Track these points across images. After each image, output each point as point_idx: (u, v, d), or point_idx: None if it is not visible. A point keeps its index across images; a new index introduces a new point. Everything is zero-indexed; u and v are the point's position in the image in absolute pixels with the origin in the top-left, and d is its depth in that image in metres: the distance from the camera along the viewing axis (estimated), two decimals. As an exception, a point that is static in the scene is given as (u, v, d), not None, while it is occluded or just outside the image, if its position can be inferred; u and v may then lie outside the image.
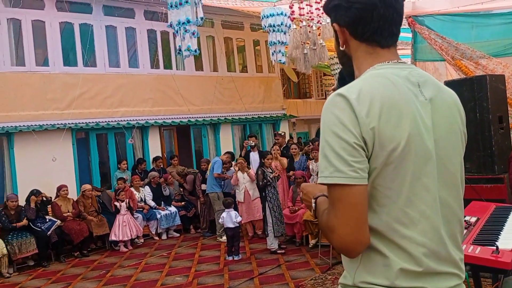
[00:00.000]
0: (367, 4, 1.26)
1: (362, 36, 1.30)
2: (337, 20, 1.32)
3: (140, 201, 8.95)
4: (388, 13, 1.27)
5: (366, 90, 1.19)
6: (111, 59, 10.10)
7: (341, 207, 1.16)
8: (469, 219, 3.08)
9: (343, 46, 1.35)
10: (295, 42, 7.49)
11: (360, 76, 1.29)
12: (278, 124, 13.06)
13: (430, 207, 1.23)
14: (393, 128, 1.18)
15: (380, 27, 1.28)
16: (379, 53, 1.31)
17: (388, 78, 1.24)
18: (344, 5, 1.29)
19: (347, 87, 1.23)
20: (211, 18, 11.28)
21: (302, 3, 7.44)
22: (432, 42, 7.75)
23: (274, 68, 13.18)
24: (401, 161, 1.19)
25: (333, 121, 1.18)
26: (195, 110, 11.10)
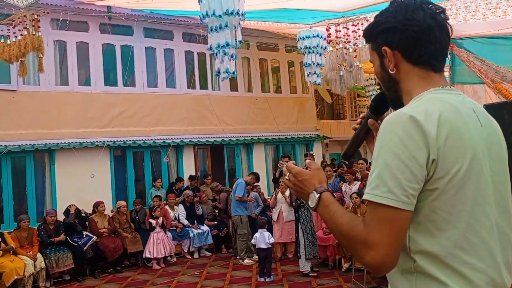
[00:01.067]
0: (424, 26, 1.25)
1: (417, 60, 1.29)
2: (388, 43, 1.30)
3: (173, 220, 9.05)
4: (443, 36, 1.27)
5: (432, 111, 1.18)
6: (150, 79, 10.40)
7: (389, 227, 1.15)
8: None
9: (393, 69, 1.32)
10: (331, 64, 7.52)
11: (418, 99, 1.27)
12: (311, 145, 13.02)
13: (489, 234, 1.21)
14: (457, 152, 1.17)
15: (436, 50, 1.28)
16: (433, 77, 1.30)
17: (449, 103, 1.23)
18: (399, 27, 1.27)
19: (411, 107, 1.21)
20: (247, 40, 11.46)
21: (339, 26, 7.48)
22: (471, 65, 7.61)
23: (308, 89, 13.21)
24: (463, 186, 1.18)
25: (396, 142, 1.15)
26: (229, 129, 11.23)
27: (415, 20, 1.25)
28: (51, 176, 8.92)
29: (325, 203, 1.31)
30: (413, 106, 1.22)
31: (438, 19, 1.27)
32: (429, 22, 1.25)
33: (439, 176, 1.16)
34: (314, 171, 1.40)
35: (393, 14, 1.29)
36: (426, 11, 1.27)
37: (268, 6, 7.49)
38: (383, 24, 1.31)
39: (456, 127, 1.19)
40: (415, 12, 1.26)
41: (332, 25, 7.56)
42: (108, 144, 9.42)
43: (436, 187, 1.16)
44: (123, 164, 9.95)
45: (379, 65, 1.37)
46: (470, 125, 1.23)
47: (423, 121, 1.15)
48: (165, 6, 8.73)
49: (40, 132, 8.78)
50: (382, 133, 1.20)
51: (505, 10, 6.65)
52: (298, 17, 8.12)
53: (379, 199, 1.15)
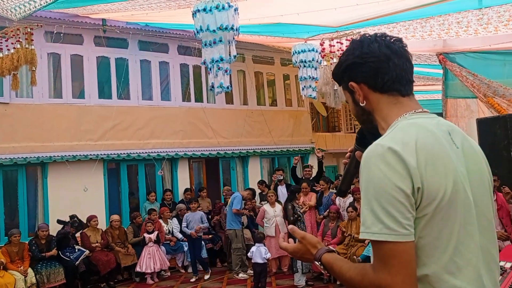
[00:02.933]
0: (380, 56, 1.31)
1: (382, 87, 1.33)
2: (353, 78, 1.37)
3: (167, 233, 8.97)
4: (402, 62, 1.32)
5: (408, 140, 1.20)
6: (144, 92, 10.39)
7: (396, 264, 1.14)
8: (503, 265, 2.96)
9: (363, 102, 1.37)
10: (325, 78, 7.54)
11: (394, 127, 1.28)
12: (306, 158, 13.01)
13: (475, 255, 1.22)
14: (440, 177, 1.18)
15: (398, 75, 1.32)
16: (403, 102, 1.33)
17: (425, 127, 1.25)
18: (358, 61, 1.34)
19: (387, 138, 1.23)
20: (243, 53, 11.50)
21: (333, 40, 7.52)
22: (464, 79, 7.65)
23: (303, 102, 13.24)
24: (449, 210, 1.19)
25: (379, 176, 1.16)
26: (224, 142, 11.21)
27: (371, 52, 1.33)
28: (44, 190, 8.84)
29: (328, 266, 1.35)
30: (389, 137, 1.24)
31: (393, 47, 1.33)
32: (385, 52, 1.32)
33: (426, 203, 1.17)
34: (301, 242, 1.44)
35: (351, 51, 1.37)
36: (380, 42, 1.33)
37: (263, 20, 7.53)
38: (344, 62, 1.39)
39: (434, 152, 1.20)
40: (371, 45, 1.33)
41: (326, 40, 7.60)
42: (101, 157, 9.37)
43: (424, 214, 1.17)
44: (117, 178, 9.88)
45: (352, 102, 1.43)
46: (447, 148, 1.24)
47: (401, 151, 1.17)
48: (160, 20, 8.76)
49: (33, 145, 8.72)
50: (364, 169, 1.21)
51: (496, 26, 6.70)
52: (293, 31, 8.17)
53: (378, 237, 1.15)
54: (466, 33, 7.39)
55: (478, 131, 6.84)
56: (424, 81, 11.91)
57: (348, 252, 7.50)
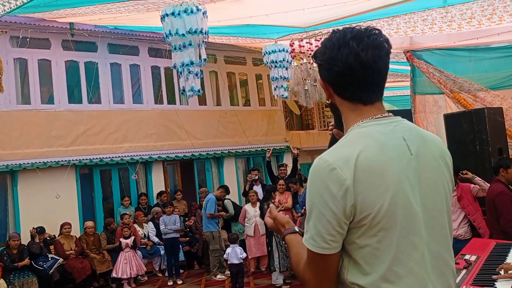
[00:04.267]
0: (345, 67, 1.30)
1: (343, 95, 1.37)
2: (322, 76, 1.40)
3: (143, 237, 8.90)
4: (367, 74, 1.30)
5: (350, 155, 1.24)
6: (116, 95, 10.27)
7: (316, 267, 1.28)
8: (469, 258, 3.06)
9: (328, 99, 1.44)
10: (296, 79, 7.62)
11: (345, 136, 1.34)
12: (281, 156, 13.10)
13: (418, 264, 1.25)
14: (377, 191, 1.22)
15: (360, 88, 1.33)
16: (362, 109, 1.36)
17: (373, 138, 1.28)
18: (325, 66, 1.35)
19: (333, 153, 1.28)
20: (214, 54, 11.50)
21: (302, 41, 7.60)
22: (431, 76, 7.85)
23: (277, 101, 13.32)
24: (386, 222, 1.22)
25: (314, 192, 1.26)
26: (199, 144, 11.18)
27: (338, 60, 1.30)
28: (14, 198, 8.64)
29: (288, 246, 1.47)
30: (334, 151, 1.29)
31: (362, 58, 1.28)
32: (351, 62, 1.29)
33: (362, 216, 1.22)
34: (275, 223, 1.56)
35: (323, 50, 1.37)
36: (351, 49, 1.29)
37: (232, 22, 7.54)
38: (316, 58, 1.41)
39: (375, 166, 1.23)
40: (340, 51, 1.30)
41: (296, 40, 7.67)
42: (73, 163, 9.22)
43: (361, 225, 1.23)
44: (90, 183, 9.75)
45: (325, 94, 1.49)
46: (395, 159, 1.26)
47: (340, 170, 1.22)
48: (129, 23, 8.67)
49: (1, 153, 8.51)
50: (308, 181, 1.29)
51: (459, 24, 6.90)
52: (263, 32, 8.21)
53: (306, 244, 1.27)
54: (432, 31, 7.57)
55: (445, 126, 7.02)
56: (393, 78, 12.13)
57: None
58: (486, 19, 6.77)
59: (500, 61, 7.53)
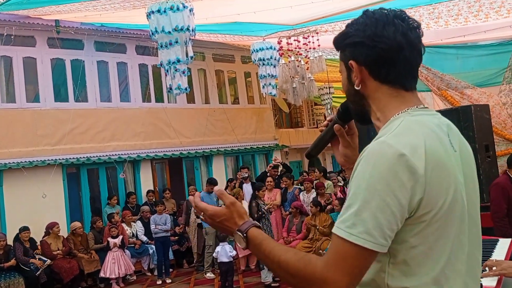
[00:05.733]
0: (393, 45, 1.15)
1: (385, 78, 1.19)
2: (355, 57, 1.21)
3: (131, 237, 8.84)
4: (413, 56, 1.18)
5: (418, 144, 1.09)
6: (103, 93, 10.17)
7: (353, 266, 1.07)
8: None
9: (358, 86, 1.22)
10: (284, 77, 7.60)
11: (396, 123, 1.16)
12: (270, 155, 13.08)
13: (464, 265, 1.16)
14: (443, 186, 1.11)
15: (405, 71, 1.19)
16: (405, 96, 1.21)
17: (430, 128, 1.14)
18: (367, 43, 1.17)
19: (395, 138, 1.10)
20: (202, 52, 11.44)
21: (290, 39, 7.58)
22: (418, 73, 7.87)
23: (266, 99, 13.30)
24: (446, 220, 1.11)
25: (377, 179, 1.06)
26: (187, 142, 11.12)
27: (384, 37, 1.16)
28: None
29: (255, 242, 1.22)
30: (397, 137, 1.10)
31: (410, 37, 1.17)
32: (400, 40, 1.16)
33: (424, 211, 1.09)
34: (229, 207, 1.30)
35: (363, 27, 1.19)
36: (397, 27, 1.17)
37: (220, 19, 7.50)
38: (351, 37, 1.21)
39: (440, 158, 1.11)
40: (386, 28, 1.16)
41: (283, 38, 7.65)
42: (60, 162, 9.11)
43: (422, 221, 1.10)
44: (77, 183, 9.64)
45: (346, 78, 1.28)
46: (449, 152, 1.16)
47: (411, 158, 1.06)
48: (115, 20, 8.58)
49: (-13, 153, 8.40)
50: (363, 166, 1.09)
51: (446, 21, 6.94)
52: (251, 30, 8.18)
53: (355, 239, 1.05)
54: (419, 28, 7.60)
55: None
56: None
57: (313, 247, 7.60)
58: (472, 16, 6.81)
59: (487, 59, 7.59)
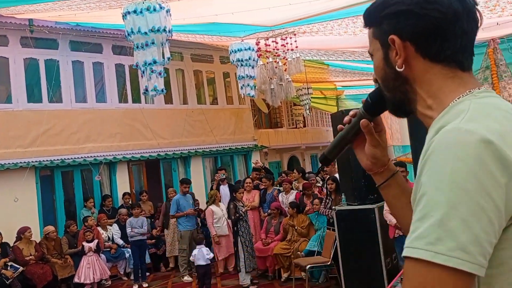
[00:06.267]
0: (448, 13, 0.93)
1: (437, 56, 0.96)
2: (398, 30, 0.96)
3: (107, 240, 8.68)
4: (471, 26, 0.96)
5: (505, 130, 0.83)
6: (78, 94, 9.97)
7: None
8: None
9: (401, 66, 0.97)
10: (262, 78, 7.59)
11: (464, 106, 0.90)
12: (249, 155, 13.06)
13: None
14: None
15: (462, 45, 0.95)
16: (463, 77, 0.96)
17: (509, 112, 0.89)
18: (416, 11, 0.93)
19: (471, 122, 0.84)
20: (180, 52, 11.33)
21: (268, 40, 7.57)
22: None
23: (244, 99, 13.26)
24: None
25: (464, 174, 0.78)
26: (165, 143, 11.00)
27: (437, 3, 0.93)
28: (-31, 203, 8.27)
29: None
30: (472, 120, 0.84)
31: (467, 4, 0.95)
32: (456, 7, 0.93)
33: None
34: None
35: None
36: None
37: (198, 20, 7.43)
38: (394, 5, 0.97)
39: None
40: None
41: (262, 39, 7.63)
42: (33, 164, 8.87)
43: None
44: (51, 185, 9.42)
45: (381, 58, 1.02)
46: None
47: (500, 145, 0.80)
48: (90, 20, 8.41)
49: (-44, 155, 8.13)
50: (438, 161, 0.82)
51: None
52: (229, 30, 8.13)
53: (445, 260, 0.76)
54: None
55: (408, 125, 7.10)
56: (366, 76, 12.29)
57: (291, 248, 7.61)
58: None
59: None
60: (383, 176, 1.21)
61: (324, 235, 7.21)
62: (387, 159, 1.19)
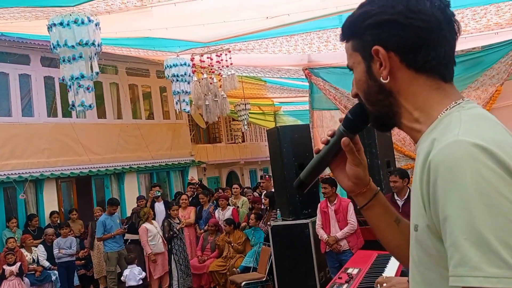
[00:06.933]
0: (432, 22, 0.92)
1: (423, 66, 0.94)
2: (383, 41, 0.94)
3: (32, 262, 8.16)
4: (452, 37, 0.95)
5: (498, 138, 0.82)
6: (2, 107, 9.44)
7: None
8: (351, 272, 3.15)
9: (386, 78, 0.95)
10: (197, 94, 7.55)
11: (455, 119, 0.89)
12: (187, 171, 12.90)
13: None
14: None
15: (446, 55, 0.94)
16: (446, 89, 0.95)
17: (497, 122, 0.89)
18: (400, 21, 0.92)
19: (470, 134, 0.82)
20: (115, 65, 11.06)
21: (203, 56, 7.56)
22: (327, 93, 8.23)
23: (182, 114, 13.13)
24: None
25: (486, 187, 0.76)
26: (97, 159, 10.61)
27: (421, 12, 0.92)
28: None
29: None
30: (469, 132, 0.83)
31: (448, 13, 0.95)
32: (438, 16, 0.93)
33: None
34: None
35: (391, 2, 0.94)
36: (433, 2, 0.94)
37: (131, 34, 7.28)
38: (376, 15, 0.95)
39: None
40: (420, 2, 0.93)
41: (196, 55, 7.62)
42: (-51, 182, 8.24)
43: None
44: (-30, 205, 8.77)
45: (364, 71, 1.00)
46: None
47: (504, 156, 0.79)
48: (15, 30, 7.99)
49: None
50: (451, 180, 0.79)
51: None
52: (164, 45, 8.03)
53: (496, 283, 0.71)
54: (327, 48, 7.95)
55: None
56: (295, 93, 12.59)
57: (227, 265, 7.55)
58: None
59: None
60: (365, 197, 1.17)
61: (260, 251, 7.23)
62: (368, 178, 1.16)
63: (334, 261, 5.63)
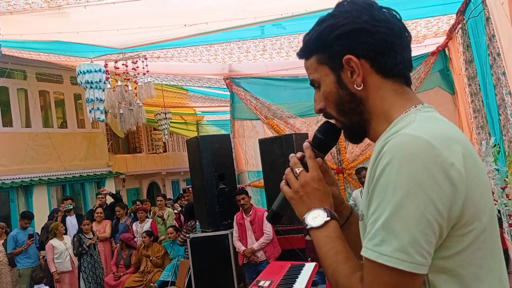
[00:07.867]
0: (394, 28, 0.99)
1: (391, 70, 0.99)
2: (354, 49, 0.98)
3: None
4: (409, 43, 1.03)
5: (448, 134, 0.90)
6: None
7: None
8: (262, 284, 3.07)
9: (360, 85, 0.99)
10: (110, 102, 7.20)
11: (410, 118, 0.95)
12: (103, 182, 12.30)
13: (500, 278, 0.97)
14: (481, 186, 0.92)
15: (408, 59, 1.02)
16: (409, 93, 1.02)
17: (451, 124, 0.96)
18: (368, 28, 0.97)
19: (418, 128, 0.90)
20: (24, 70, 10.30)
21: (117, 63, 7.25)
22: (248, 103, 8.26)
23: (98, 123, 12.51)
24: (491, 230, 0.93)
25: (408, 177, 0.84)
26: (2, 171, 9.77)
27: (384, 20, 0.99)
28: None
29: (331, 234, 1.01)
30: (419, 127, 0.90)
31: (400, 21, 1.02)
32: (398, 23, 1.00)
33: (468, 220, 0.89)
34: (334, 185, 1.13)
35: (356, 13, 0.99)
36: (390, 12, 1.02)
37: (38, 37, 6.80)
38: (344, 25, 0.99)
39: (474, 154, 0.94)
40: (380, 11, 1.00)
41: (110, 61, 7.28)
42: None
43: (468, 231, 0.89)
44: None
45: (334, 82, 1.02)
46: None
47: (446, 150, 0.86)
48: None
49: None
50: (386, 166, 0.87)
51: (271, 53, 7.41)
52: (76, 50, 7.60)
53: (387, 261, 0.84)
54: (247, 59, 7.99)
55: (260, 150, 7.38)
56: (217, 103, 12.53)
57: (145, 280, 7.26)
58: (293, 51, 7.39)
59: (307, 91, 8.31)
60: (343, 216, 1.18)
61: (179, 264, 7.02)
62: (342, 196, 1.16)
63: (252, 272, 5.59)
